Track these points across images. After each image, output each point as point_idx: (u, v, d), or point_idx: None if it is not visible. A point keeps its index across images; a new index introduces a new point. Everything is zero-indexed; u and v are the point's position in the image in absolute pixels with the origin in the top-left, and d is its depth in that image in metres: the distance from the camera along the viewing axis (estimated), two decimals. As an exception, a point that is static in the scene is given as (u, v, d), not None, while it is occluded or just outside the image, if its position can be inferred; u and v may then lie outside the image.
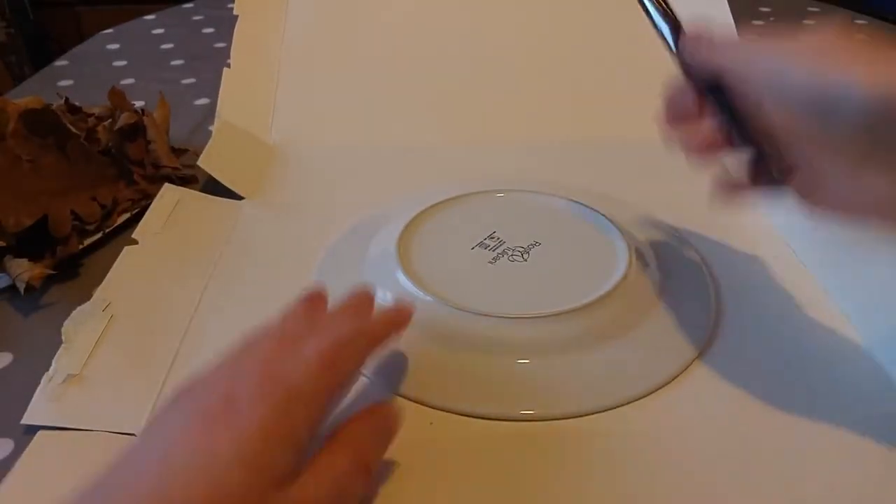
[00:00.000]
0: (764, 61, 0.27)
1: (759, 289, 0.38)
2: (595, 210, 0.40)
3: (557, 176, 0.48)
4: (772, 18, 0.82)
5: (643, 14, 0.32)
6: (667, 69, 0.31)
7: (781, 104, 0.26)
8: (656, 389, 0.32)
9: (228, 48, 0.57)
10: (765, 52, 0.27)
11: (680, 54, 0.30)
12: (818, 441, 0.29)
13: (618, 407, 0.31)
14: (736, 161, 0.29)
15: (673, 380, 0.32)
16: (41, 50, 1.70)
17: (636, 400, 0.31)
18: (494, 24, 0.60)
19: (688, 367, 0.33)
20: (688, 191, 0.48)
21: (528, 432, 0.30)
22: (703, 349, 0.34)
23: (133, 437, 0.29)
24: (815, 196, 0.28)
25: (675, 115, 0.31)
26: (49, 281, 0.39)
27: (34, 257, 0.39)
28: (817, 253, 0.39)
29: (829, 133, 0.25)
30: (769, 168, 0.28)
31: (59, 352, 0.33)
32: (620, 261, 0.36)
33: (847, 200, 0.27)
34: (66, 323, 0.34)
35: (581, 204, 0.41)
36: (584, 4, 0.60)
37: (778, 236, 0.42)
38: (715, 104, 0.29)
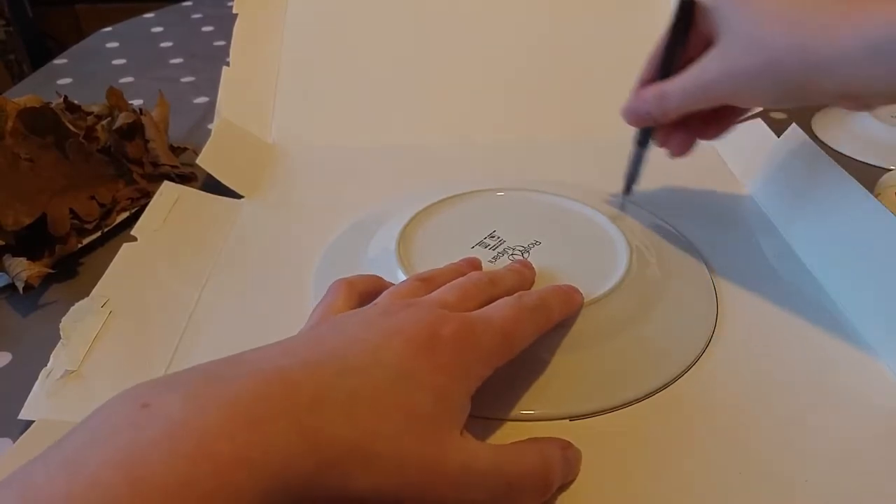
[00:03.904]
0: None
1: (760, 287, 0.38)
2: (595, 209, 0.40)
3: (558, 175, 0.48)
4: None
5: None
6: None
7: None
8: (657, 390, 0.31)
9: (228, 46, 0.57)
10: None
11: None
12: (819, 440, 0.29)
13: (619, 407, 0.31)
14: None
15: (674, 380, 0.32)
16: (40, 48, 1.70)
17: (637, 400, 0.31)
18: (494, 23, 0.60)
19: (689, 367, 0.33)
20: (689, 189, 0.48)
21: (528, 432, 0.29)
22: (704, 348, 0.34)
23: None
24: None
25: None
26: (48, 280, 0.39)
27: (33, 256, 0.39)
28: (819, 252, 0.39)
29: None
30: None
31: (56, 348, 0.33)
32: (621, 260, 0.36)
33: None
34: (65, 319, 0.34)
35: (581, 203, 0.41)
36: (584, 4, 0.60)
37: (779, 235, 0.42)
38: None
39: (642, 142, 0.39)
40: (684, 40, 0.35)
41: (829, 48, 0.27)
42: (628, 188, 0.41)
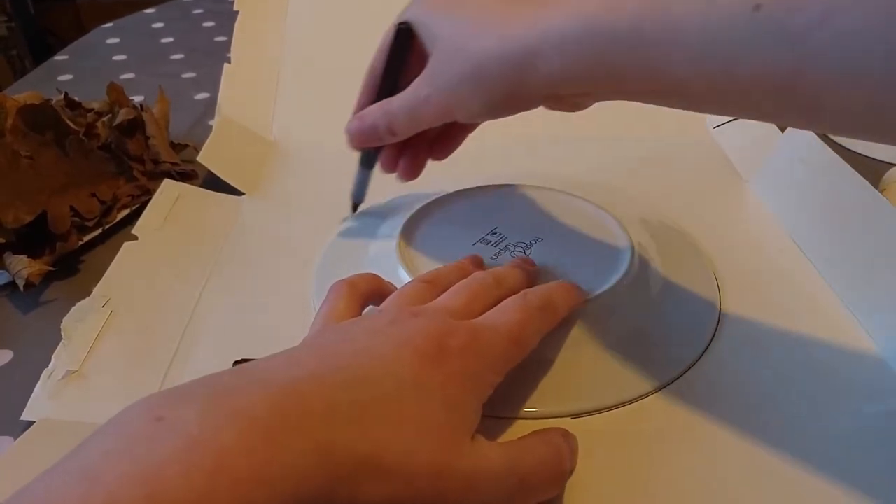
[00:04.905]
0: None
1: (763, 284, 0.38)
2: (598, 206, 0.40)
3: (559, 171, 0.48)
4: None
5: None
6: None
7: None
8: (660, 387, 0.31)
9: (229, 42, 0.57)
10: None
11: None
12: (823, 437, 0.29)
13: (621, 405, 0.31)
14: None
15: (675, 379, 0.32)
16: (42, 44, 1.70)
17: (640, 397, 0.31)
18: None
19: (691, 365, 0.33)
20: (691, 187, 0.48)
21: (529, 430, 0.29)
22: (707, 347, 0.34)
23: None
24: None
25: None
26: (49, 277, 0.39)
27: (33, 254, 0.39)
28: (823, 248, 0.39)
29: None
30: None
31: (58, 348, 0.33)
32: (623, 257, 0.36)
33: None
34: (66, 319, 0.34)
35: (583, 199, 0.41)
36: None
37: (783, 232, 0.42)
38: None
39: (367, 163, 0.39)
40: (404, 62, 0.34)
41: (522, 45, 0.27)
42: (354, 208, 0.42)
